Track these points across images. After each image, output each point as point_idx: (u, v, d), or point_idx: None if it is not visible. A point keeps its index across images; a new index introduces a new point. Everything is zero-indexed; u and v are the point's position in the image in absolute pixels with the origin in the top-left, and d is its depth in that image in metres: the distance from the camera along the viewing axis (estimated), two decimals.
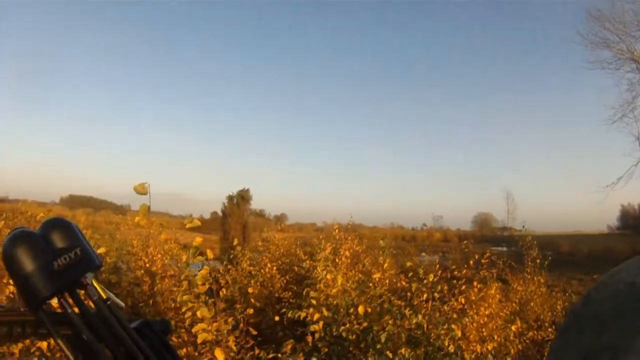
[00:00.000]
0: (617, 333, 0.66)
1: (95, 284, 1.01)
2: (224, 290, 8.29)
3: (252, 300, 12.39)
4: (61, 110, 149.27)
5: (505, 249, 39.90)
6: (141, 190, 5.52)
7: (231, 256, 14.87)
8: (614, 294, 0.74)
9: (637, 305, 0.68)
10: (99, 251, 7.06)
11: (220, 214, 41.91)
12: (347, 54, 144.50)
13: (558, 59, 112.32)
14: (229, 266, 13.67)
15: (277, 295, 13.63)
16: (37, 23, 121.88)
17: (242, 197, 40.19)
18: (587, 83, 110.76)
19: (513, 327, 8.77)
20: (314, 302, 7.12)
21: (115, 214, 30.11)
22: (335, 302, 7.66)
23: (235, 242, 13.45)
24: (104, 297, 1.04)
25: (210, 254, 6.79)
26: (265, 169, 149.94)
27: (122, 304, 1.09)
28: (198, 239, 6.41)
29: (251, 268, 14.30)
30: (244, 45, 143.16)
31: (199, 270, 6.68)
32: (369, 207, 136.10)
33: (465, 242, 15.76)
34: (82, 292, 1.05)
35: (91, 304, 1.04)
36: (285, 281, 14.31)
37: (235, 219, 38.55)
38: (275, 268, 14.64)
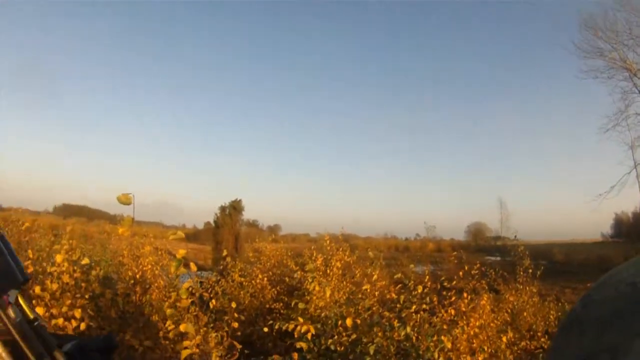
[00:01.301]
0: (616, 334, 0.64)
1: (21, 302, 0.96)
2: (213, 301, 8.24)
3: (242, 311, 12.40)
4: (55, 117, 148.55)
5: (498, 258, 40.24)
6: (125, 200, 5.44)
7: (221, 267, 14.91)
8: (614, 295, 0.72)
9: (637, 307, 0.66)
10: (82, 262, 7.03)
11: (213, 224, 42.16)
12: (337, 61, 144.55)
13: (551, 68, 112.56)
14: (219, 277, 13.68)
15: (268, 306, 13.65)
16: (25, 27, 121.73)
17: (234, 207, 40.34)
18: (580, 92, 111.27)
19: (504, 338, 8.76)
20: (300, 317, 7.09)
21: (109, 223, 30.12)
22: (323, 314, 7.65)
23: (225, 252, 13.42)
24: (31, 317, 0.97)
25: (193, 267, 6.73)
26: (260, 179, 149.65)
27: (46, 324, 1.02)
28: (181, 251, 6.34)
29: (242, 279, 14.31)
30: (238, 52, 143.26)
31: (186, 282, 6.64)
32: (363, 217, 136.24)
33: (454, 252, 15.78)
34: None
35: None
36: (276, 292, 14.30)
37: (228, 229, 38.67)
38: (266, 279, 14.68)
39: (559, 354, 0.75)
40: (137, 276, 8.96)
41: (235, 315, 7.59)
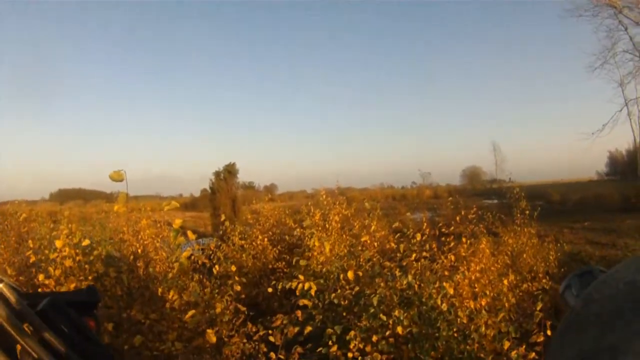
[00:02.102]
0: (616, 334, 0.65)
1: None
2: (217, 267, 8.26)
3: (245, 274, 12.44)
4: (42, 104, 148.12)
5: (495, 201, 40.12)
6: (117, 177, 5.46)
7: (221, 232, 14.89)
8: (613, 294, 0.74)
9: (637, 306, 0.67)
10: (83, 244, 7.05)
11: (209, 190, 41.89)
12: (332, 10, 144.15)
13: (537, 8, 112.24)
14: (220, 242, 13.66)
15: (270, 266, 13.70)
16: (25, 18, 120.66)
17: (229, 171, 40.01)
18: (566, 31, 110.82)
19: (505, 281, 8.77)
20: (301, 274, 7.10)
21: (106, 202, 29.94)
22: (325, 269, 7.67)
23: (223, 217, 13.35)
24: None
25: (191, 235, 6.70)
26: (253, 141, 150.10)
27: (16, 285, 0.94)
28: (177, 221, 6.34)
29: (242, 242, 14.33)
30: (228, 13, 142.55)
31: (185, 251, 6.65)
32: (359, 170, 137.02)
33: (450, 198, 15.79)
34: None
35: None
36: (277, 251, 14.37)
37: (224, 194, 38.37)
38: (266, 239, 14.72)
39: (559, 353, 0.76)
40: (139, 251, 8.95)
41: (237, 278, 7.58)
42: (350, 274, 7.04)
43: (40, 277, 7.01)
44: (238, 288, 7.49)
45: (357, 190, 72.27)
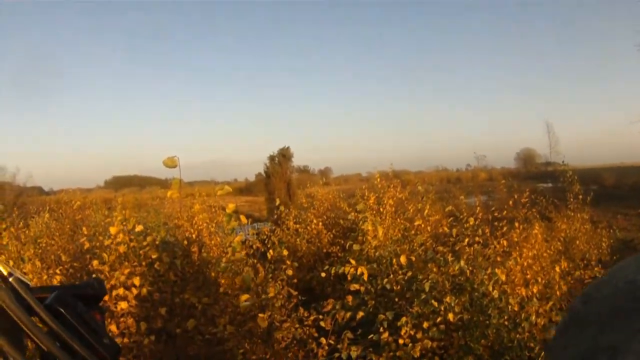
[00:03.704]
0: (616, 333, 0.67)
1: None
2: (271, 251, 8.35)
3: (300, 258, 12.53)
4: (98, 92, 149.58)
5: (550, 185, 39.25)
6: (170, 163, 5.56)
7: (275, 216, 14.97)
8: (613, 293, 0.75)
9: (637, 305, 0.69)
10: (137, 230, 7.19)
11: (264, 175, 41.70)
12: None
13: None
14: (274, 227, 13.76)
15: (325, 250, 13.74)
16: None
17: (284, 155, 39.90)
18: (618, 10, 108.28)
19: (557, 268, 8.64)
20: (353, 259, 7.09)
21: (161, 189, 30.17)
22: (377, 254, 7.68)
23: (278, 202, 13.47)
24: (5, 273, 0.93)
25: (243, 219, 6.77)
26: (308, 124, 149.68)
27: (27, 279, 0.97)
28: (231, 205, 6.41)
29: (297, 226, 14.41)
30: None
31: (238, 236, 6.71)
32: (414, 152, 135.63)
33: (503, 181, 15.64)
34: None
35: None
36: (332, 235, 14.42)
37: (279, 178, 38.27)
38: (321, 223, 14.76)
39: (559, 352, 0.79)
40: (193, 236, 9.05)
41: (289, 262, 7.64)
42: (403, 259, 6.98)
43: (95, 263, 7.19)
44: (290, 272, 7.54)
45: (411, 174, 71.20)
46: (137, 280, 6.83)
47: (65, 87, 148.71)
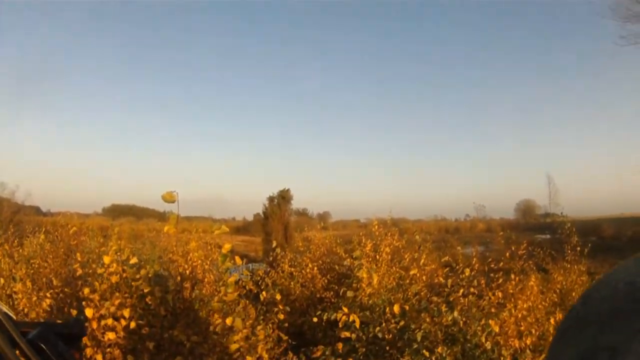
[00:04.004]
0: (615, 333, 0.66)
1: None
2: (264, 293, 8.32)
3: (292, 302, 12.45)
4: (104, 122, 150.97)
5: (548, 236, 39.36)
6: (169, 198, 5.59)
7: (271, 258, 14.94)
8: (613, 294, 0.73)
9: (636, 306, 0.67)
10: (131, 261, 7.18)
11: (262, 215, 41.79)
12: (378, 40, 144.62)
13: (587, 36, 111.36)
14: (269, 269, 13.72)
15: (319, 295, 13.61)
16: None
17: (283, 197, 40.09)
18: (621, 58, 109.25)
19: (552, 320, 8.63)
20: (346, 305, 7.09)
21: (158, 221, 30.27)
22: (371, 302, 7.66)
23: (274, 244, 13.45)
24: None
25: (238, 261, 6.78)
26: (309, 168, 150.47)
27: (12, 313, 1.02)
28: (227, 245, 6.45)
29: (292, 269, 14.33)
30: (271, 41, 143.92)
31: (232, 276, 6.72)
32: (413, 200, 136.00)
33: (501, 233, 15.62)
34: None
35: None
36: (326, 281, 14.25)
37: (277, 219, 38.39)
38: (316, 268, 14.61)
39: (559, 353, 0.76)
40: (187, 272, 9.03)
41: (281, 307, 7.62)
42: (396, 308, 6.98)
43: (86, 290, 7.10)
44: (282, 317, 7.53)
45: (410, 222, 71.28)
46: (126, 312, 6.79)
47: (73, 111, 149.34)
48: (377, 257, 12.49)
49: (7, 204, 41.43)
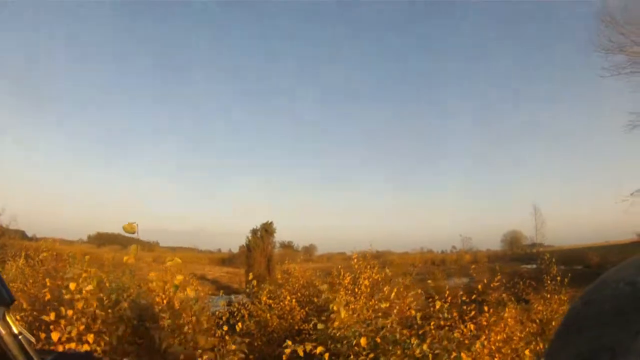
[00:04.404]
0: (616, 333, 0.66)
1: (8, 318, 1.08)
2: (239, 324, 8.31)
3: (270, 333, 12.46)
4: (93, 147, 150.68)
5: (534, 266, 39.71)
6: (129, 229, 5.72)
7: (247, 290, 15.00)
8: (613, 294, 0.73)
9: (637, 305, 0.68)
10: (87, 288, 7.16)
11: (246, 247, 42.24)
12: (359, 72, 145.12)
13: (571, 66, 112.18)
14: (247, 300, 13.75)
15: (297, 327, 13.66)
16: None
17: (266, 230, 40.46)
18: (603, 89, 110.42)
19: (527, 351, 8.63)
20: (319, 337, 7.12)
21: (142, 250, 30.31)
22: (339, 334, 7.66)
23: (250, 276, 13.57)
24: (16, 331, 1.06)
25: (190, 292, 6.83)
26: (296, 200, 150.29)
27: (33, 339, 1.11)
28: (179, 277, 6.60)
29: (270, 301, 14.36)
30: (257, 67, 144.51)
31: (219, 305, 6.79)
32: (400, 232, 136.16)
33: (475, 264, 15.76)
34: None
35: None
36: (305, 313, 14.30)
37: (259, 252, 38.73)
38: (294, 300, 14.71)
39: (559, 353, 0.77)
40: (164, 302, 9.06)
41: (247, 340, 7.66)
42: (363, 341, 7.02)
43: (52, 315, 7.14)
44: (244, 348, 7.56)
45: (396, 254, 71.98)
46: (90, 338, 6.89)
47: (63, 137, 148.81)
48: (356, 289, 12.52)
49: None
